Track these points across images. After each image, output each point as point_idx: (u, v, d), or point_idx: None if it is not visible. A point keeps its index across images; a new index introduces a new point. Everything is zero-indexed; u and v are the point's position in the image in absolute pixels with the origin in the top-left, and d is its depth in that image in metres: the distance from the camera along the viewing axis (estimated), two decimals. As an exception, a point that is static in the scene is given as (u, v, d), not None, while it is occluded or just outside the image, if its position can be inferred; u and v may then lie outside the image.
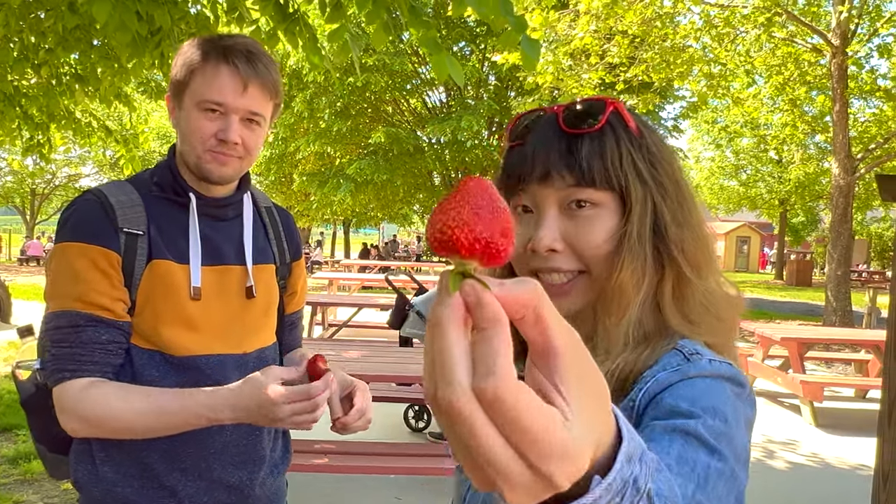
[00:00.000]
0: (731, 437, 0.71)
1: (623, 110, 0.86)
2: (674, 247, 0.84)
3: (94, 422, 1.19)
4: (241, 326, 1.34)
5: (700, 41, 11.00)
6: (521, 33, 2.39)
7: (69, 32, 4.30)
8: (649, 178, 0.84)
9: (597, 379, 0.42)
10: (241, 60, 1.24)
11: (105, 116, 11.71)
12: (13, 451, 4.64)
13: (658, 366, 0.78)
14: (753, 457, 5.24)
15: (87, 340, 1.19)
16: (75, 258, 1.21)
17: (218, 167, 1.28)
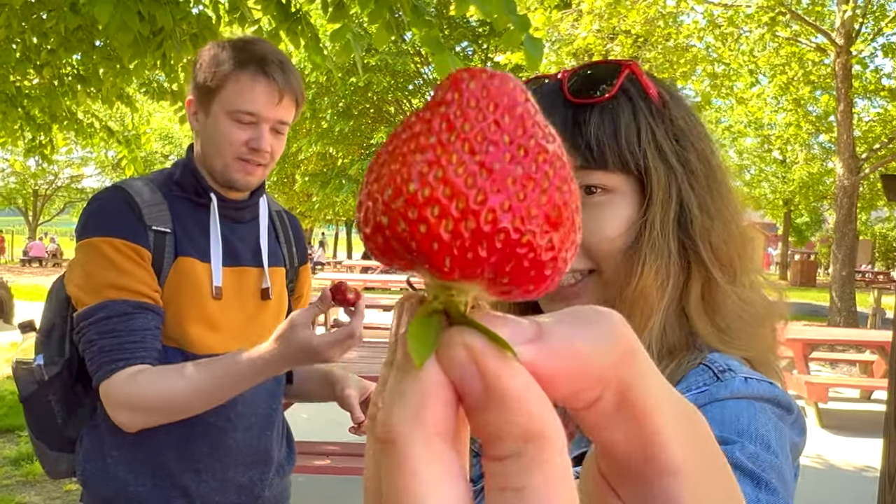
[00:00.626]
0: (778, 466, 0.58)
1: (641, 74, 0.72)
2: (701, 242, 0.69)
3: (150, 407, 1.17)
4: (258, 327, 1.35)
5: (703, 41, 10.99)
6: (524, 33, 2.38)
7: (71, 33, 4.29)
8: (674, 159, 0.70)
9: None
10: (276, 72, 1.25)
11: (107, 117, 11.73)
12: (15, 453, 4.63)
13: (682, 385, 0.65)
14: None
15: (138, 328, 1.19)
16: (110, 251, 1.20)
17: (244, 176, 1.30)
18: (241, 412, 1.32)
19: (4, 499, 3.90)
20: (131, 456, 1.27)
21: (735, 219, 0.72)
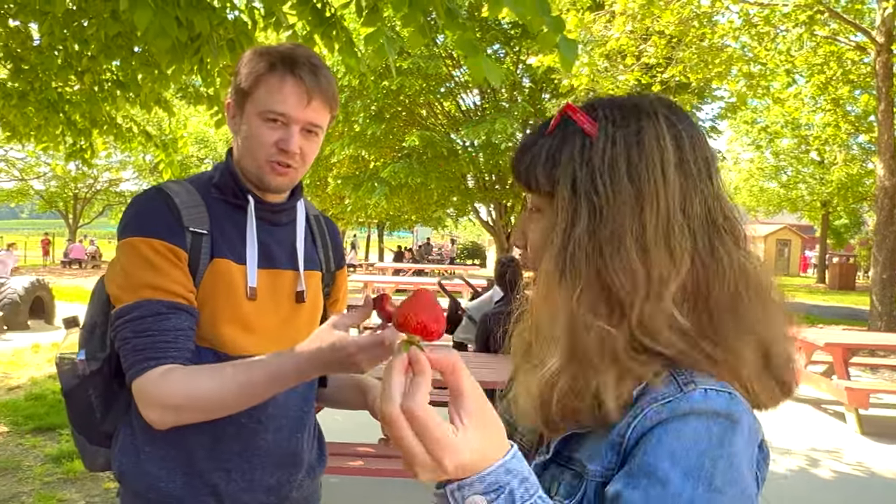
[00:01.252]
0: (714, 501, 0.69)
1: (576, 113, 0.83)
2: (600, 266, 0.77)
3: (179, 405, 1.18)
4: (292, 330, 1.35)
5: (739, 40, 10.82)
6: (558, 34, 2.36)
7: (111, 40, 4.38)
8: (582, 186, 0.79)
9: (489, 416, 0.67)
10: (306, 72, 1.26)
11: (145, 122, 11.93)
12: (56, 451, 4.73)
13: (650, 396, 0.74)
14: (797, 465, 5.12)
15: (171, 328, 1.20)
16: (148, 251, 1.22)
17: (275, 177, 1.31)
18: (271, 414, 1.33)
19: (46, 495, 3.98)
20: (163, 452, 1.29)
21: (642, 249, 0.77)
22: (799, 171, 27.65)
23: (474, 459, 0.64)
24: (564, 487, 0.78)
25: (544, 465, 0.82)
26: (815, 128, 20.92)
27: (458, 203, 19.43)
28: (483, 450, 0.65)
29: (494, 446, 0.66)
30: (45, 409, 5.81)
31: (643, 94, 0.87)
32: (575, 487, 0.77)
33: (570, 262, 0.79)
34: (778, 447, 5.69)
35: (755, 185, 28.46)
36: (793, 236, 41.43)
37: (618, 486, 0.71)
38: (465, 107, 17.76)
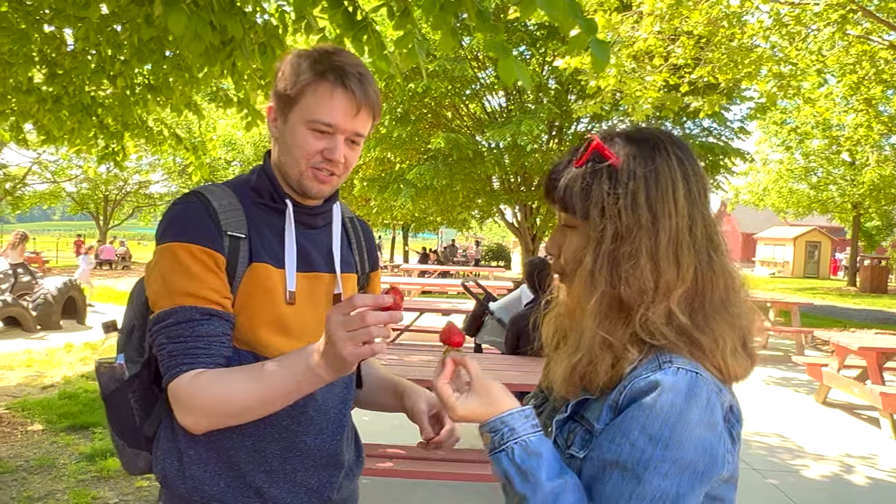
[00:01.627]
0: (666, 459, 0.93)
1: (602, 148, 1.02)
2: (615, 279, 1.00)
3: (211, 409, 1.19)
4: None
5: (769, 40, 10.67)
6: (590, 36, 2.35)
7: (144, 44, 4.44)
8: (608, 214, 1.00)
9: (489, 390, 1.06)
10: (355, 84, 1.26)
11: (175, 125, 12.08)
12: (90, 449, 4.80)
13: (638, 370, 0.98)
14: (830, 471, 5.04)
15: (204, 334, 1.21)
16: (185, 257, 1.23)
17: (318, 185, 1.32)
18: (311, 416, 1.33)
19: (81, 493, 4.04)
20: (206, 455, 1.29)
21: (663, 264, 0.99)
22: (830, 173, 27.22)
23: (475, 412, 1.04)
24: (579, 440, 1.02)
25: (563, 421, 1.07)
26: (847, 128, 20.57)
27: (483, 205, 19.41)
28: (481, 407, 1.04)
29: (493, 406, 1.03)
30: (78, 407, 5.90)
31: (654, 130, 1.07)
32: (587, 441, 1.01)
33: (595, 276, 1.01)
34: (811, 453, 5.60)
35: (784, 187, 28.06)
36: (823, 238, 40.76)
37: (602, 437, 0.98)
38: (490, 108, 17.74)
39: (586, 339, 1.01)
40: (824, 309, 19.03)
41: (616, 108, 12.85)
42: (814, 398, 7.57)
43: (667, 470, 0.92)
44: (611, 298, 1.00)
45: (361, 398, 1.57)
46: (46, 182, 31.66)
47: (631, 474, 0.93)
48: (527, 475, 0.97)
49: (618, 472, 0.94)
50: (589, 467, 0.98)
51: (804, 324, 11.84)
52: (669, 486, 0.92)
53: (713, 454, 0.95)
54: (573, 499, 0.96)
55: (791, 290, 24.75)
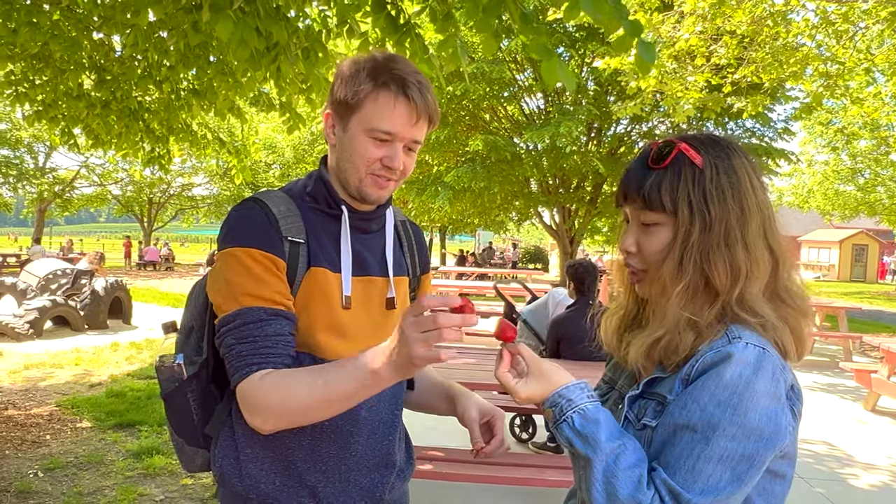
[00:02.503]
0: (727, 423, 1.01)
1: (689, 150, 1.12)
2: (704, 266, 1.09)
3: (278, 409, 1.20)
4: (383, 335, 1.36)
5: (815, 39, 10.44)
6: (636, 38, 2.33)
7: (190, 50, 4.53)
8: (696, 209, 1.09)
9: (545, 370, 1.15)
10: (415, 93, 1.28)
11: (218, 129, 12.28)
12: (136, 447, 4.91)
13: (708, 347, 1.06)
14: (879, 480, 4.92)
15: (273, 333, 1.24)
16: (248, 260, 1.26)
17: (377, 191, 1.34)
18: (365, 417, 1.35)
19: (128, 489, 4.13)
20: (262, 454, 1.32)
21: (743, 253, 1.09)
22: (878, 174, 26.48)
23: (535, 392, 1.13)
24: (651, 412, 1.11)
25: (634, 398, 1.16)
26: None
27: (520, 207, 19.34)
28: (540, 386, 1.13)
29: (551, 383, 1.13)
30: (125, 405, 6.04)
31: (717, 135, 1.19)
32: (659, 412, 1.10)
33: (684, 264, 1.10)
34: (860, 461, 5.46)
35: (830, 188, 27.40)
36: (870, 241, 39.70)
37: (673, 405, 1.07)
38: (528, 110, 17.68)
39: (670, 319, 1.09)
40: (872, 314, 18.54)
41: (656, 110, 12.70)
42: (862, 405, 7.37)
43: (734, 433, 1.00)
44: (697, 283, 1.09)
45: (412, 400, 1.58)
46: (93, 185, 32.50)
47: (700, 435, 1.01)
48: (587, 439, 1.06)
49: (688, 434, 1.02)
50: (661, 432, 1.07)
51: (852, 329, 11.55)
52: (735, 448, 1.00)
53: (777, 423, 1.02)
54: (633, 459, 1.04)
55: (837, 295, 24.16)
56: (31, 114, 5.68)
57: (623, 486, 1.01)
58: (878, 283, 36.84)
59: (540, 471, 3.88)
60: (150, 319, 11.49)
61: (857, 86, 13.92)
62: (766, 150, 15.86)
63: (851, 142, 24.49)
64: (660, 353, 1.11)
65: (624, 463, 1.03)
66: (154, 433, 5.28)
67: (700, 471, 1.00)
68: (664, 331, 1.10)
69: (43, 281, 10.98)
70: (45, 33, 4.36)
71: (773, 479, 1.10)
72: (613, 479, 1.02)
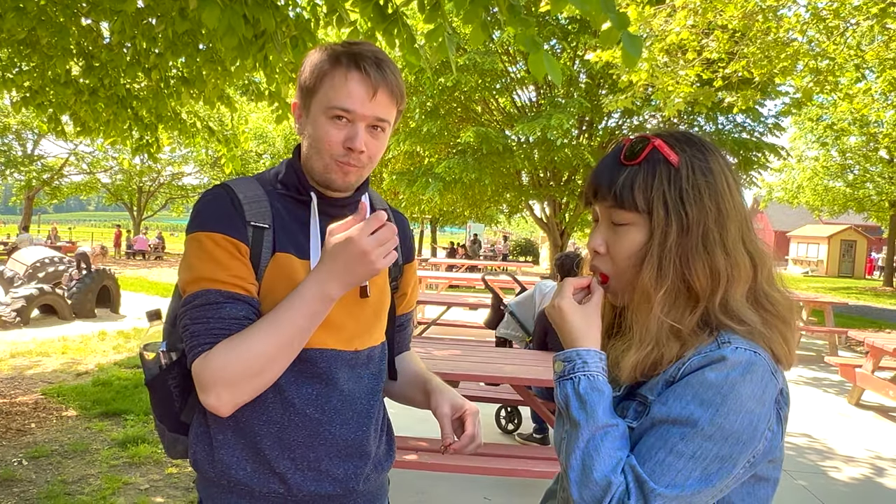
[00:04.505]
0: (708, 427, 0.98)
1: (664, 147, 1.07)
2: (685, 270, 1.04)
3: (231, 376, 1.20)
4: (355, 324, 1.37)
5: (805, 34, 10.47)
6: (622, 30, 2.33)
7: (178, 37, 4.49)
8: (672, 208, 1.04)
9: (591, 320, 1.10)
10: (370, 66, 1.26)
11: (208, 118, 12.22)
12: (122, 435, 4.90)
13: (694, 350, 1.03)
14: (861, 473, 4.97)
15: (225, 316, 1.23)
16: (210, 245, 1.26)
17: (342, 176, 1.32)
18: (336, 406, 1.34)
19: (113, 478, 4.13)
20: (234, 441, 1.32)
21: (721, 256, 1.05)
22: (867, 170, 26.65)
23: (571, 321, 1.10)
24: (633, 412, 1.08)
25: (618, 400, 1.13)
26: (886, 125, 20.15)
27: (511, 199, 19.36)
28: (574, 322, 1.09)
29: (582, 331, 1.09)
30: (111, 394, 6.02)
31: (691, 132, 1.14)
32: (641, 413, 1.07)
33: (663, 268, 1.05)
34: (842, 454, 5.51)
35: (819, 184, 27.54)
36: (858, 237, 39.97)
37: (656, 403, 1.04)
38: (520, 103, 17.68)
39: (652, 329, 1.05)
40: (859, 309, 18.68)
41: (647, 103, 12.72)
42: (846, 399, 7.44)
43: (711, 433, 0.98)
44: (678, 289, 1.05)
45: (395, 391, 1.57)
46: (83, 173, 32.31)
47: (677, 430, 0.99)
48: (585, 404, 1.03)
49: (664, 427, 1.00)
50: (642, 425, 1.04)
51: (838, 324, 11.63)
52: (710, 448, 0.98)
53: (756, 428, 1.00)
54: (619, 443, 1.02)
55: (825, 290, 24.32)
56: (17, 100, 5.64)
57: (600, 464, 1.00)
58: (865, 279, 37.10)
59: (525, 462, 3.90)
60: (139, 309, 11.45)
61: (848, 82, 13.97)
62: (755, 144, 15.92)
63: (841, 138, 24.63)
64: (649, 367, 1.07)
65: (609, 443, 1.01)
66: (140, 422, 5.27)
67: (670, 464, 0.98)
68: (650, 345, 1.06)
69: (30, 269, 10.92)
70: (32, 19, 4.32)
71: (757, 483, 1.08)
72: (594, 454, 1.01)
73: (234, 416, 1.28)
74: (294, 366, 1.27)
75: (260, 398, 1.27)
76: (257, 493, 1.31)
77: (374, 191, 1.53)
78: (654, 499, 0.97)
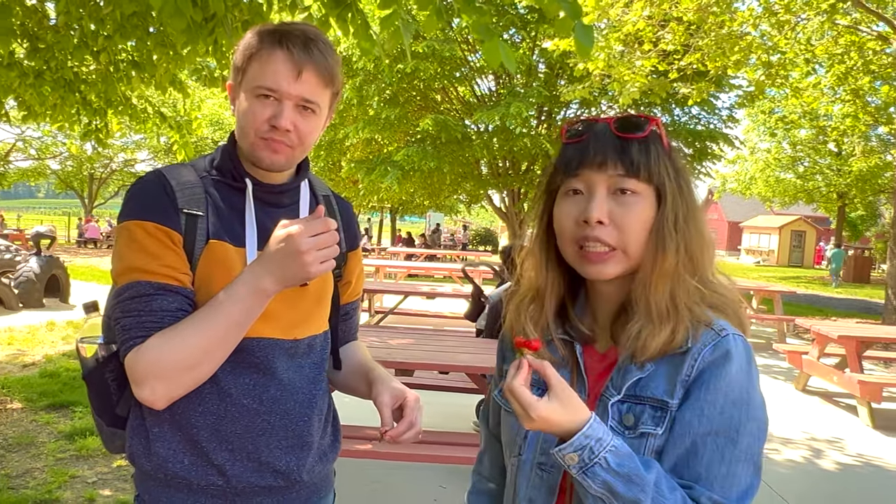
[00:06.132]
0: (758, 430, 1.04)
1: (661, 127, 1.10)
2: (685, 239, 1.07)
3: (164, 369, 1.18)
4: (294, 313, 1.34)
5: (758, 28, 10.67)
6: (575, 20, 2.34)
7: (126, 19, 4.37)
8: (674, 182, 1.08)
9: (568, 395, 0.99)
10: (295, 45, 1.24)
11: (160, 103, 11.95)
12: (69, 428, 4.79)
13: (700, 343, 1.04)
14: (802, 456, 5.12)
15: (157, 308, 1.20)
16: (141, 234, 1.22)
17: (270, 154, 1.29)
18: (275, 396, 1.32)
19: (59, 471, 4.03)
20: (170, 434, 1.29)
21: (703, 229, 1.11)
22: (816, 162, 27.35)
23: (556, 416, 0.97)
24: (650, 419, 1.04)
25: (613, 404, 1.08)
26: (834, 119, 20.68)
27: (471, 189, 19.37)
28: (562, 414, 0.98)
29: (571, 413, 0.98)
30: (59, 386, 5.87)
31: None
32: (660, 418, 1.04)
33: (675, 238, 1.06)
34: (787, 438, 5.67)
35: (771, 176, 28.17)
36: (808, 228, 41.06)
37: (687, 413, 1.02)
38: (479, 92, 17.66)
39: (676, 302, 1.06)
40: (807, 298, 19.21)
41: (604, 94, 12.83)
42: (793, 385, 7.65)
43: (752, 429, 1.02)
44: (685, 261, 1.07)
45: (339, 381, 1.54)
46: (31, 159, 31.32)
47: (725, 439, 1.00)
48: (631, 478, 0.96)
49: (711, 439, 1.01)
50: (678, 445, 1.02)
51: (787, 312, 11.95)
52: (754, 443, 1.02)
53: (765, 407, 1.06)
54: (669, 483, 0.99)
55: (775, 279, 24.95)
56: (-43, 82, 5.42)
57: None
58: (814, 269, 38.15)
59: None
60: (90, 298, 11.17)
61: (799, 76, 14.27)
62: (709, 133, 16.19)
63: (792, 130, 25.21)
64: (669, 345, 1.04)
65: (665, 488, 0.97)
66: (88, 414, 5.15)
67: (733, 474, 1.00)
68: (674, 320, 1.04)
69: (-26, 257, 10.57)
70: (-29, -2, 4.15)
71: None
72: None
73: (170, 408, 1.25)
74: (231, 356, 1.24)
75: (196, 389, 1.24)
76: (195, 486, 1.29)
77: (315, 176, 1.50)
78: None
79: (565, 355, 1.16)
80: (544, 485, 1.13)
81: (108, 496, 3.78)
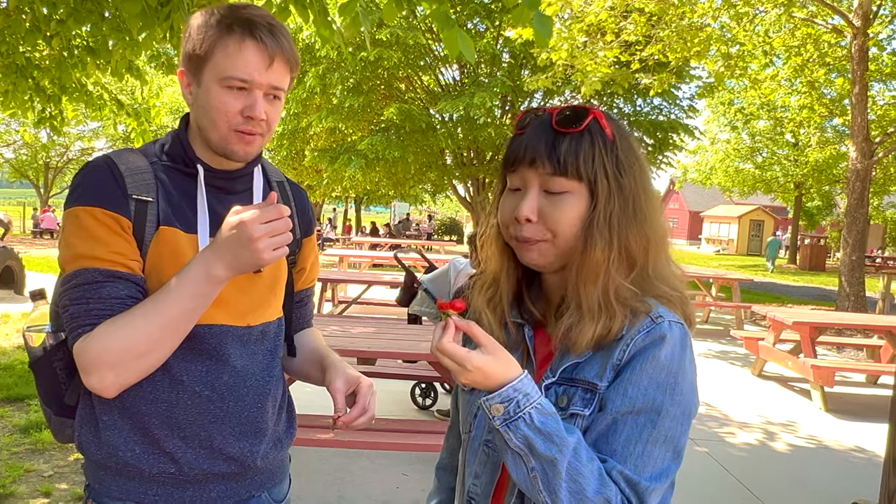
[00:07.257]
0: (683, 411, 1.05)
1: (602, 119, 1.08)
2: (623, 238, 1.06)
3: (113, 357, 1.16)
4: (246, 300, 1.33)
5: (718, 20, 10.82)
6: (533, 9, 2.35)
7: (80, 3, 4.27)
8: (612, 178, 1.06)
9: (498, 349, 1.01)
10: (265, 35, 1.22)
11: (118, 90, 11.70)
12: (25, 421, 4.69)
13: (635, 329, 1.05)
14: (756, 439, 5.25)
15: (106, 296, 1.18)
16: (89, 221, 1.20)
17: (244, 147, 1.28)
18: (228, 383, 1.31)
19: (14, 465, 3.95)
20: (120, 422, 1.27)
21: (646, 224, 1.09)
22: (774, 153, 27.88)
23: (492, 371, 0.99)
24: (580, 400, 1.06)
25: (548, 386, 1.09)
26: (791, 110, 21.10)
27: (435, 179, 19.36)
28: (496, 366, 0.99)
29: (503, 367, 1.00)
30: (13, 379, 5.75)
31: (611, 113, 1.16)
32: (589, 400, 1.06)
33: (610, 237, 1.06)
34: (743, 422, 5.81)
35: (730, 166, 28.65)
36: (766, 217, 41.91)
37: (612, 393, 1.04)
38: (444, 81, 17.63)
39: (607, 296, 1.06)
40: (765, 285, 19.63)
41: (567, 84, 12.90)
42: (750, 371, 7.83)
43: (675, 413, 1.03)
44: (620, 255, 1.07)
45: (293, 368, 1.54)
46: (-18, 147, 30.44)
47: (645, 418, 1.01)
48: (550, 436, 0.97)
49: (631, 418, 1.02)
50: (600, 422, 1.04)
51: (744, 299, 12.21)
52: (675, 427, 1.03)
53: (696, 394, 1.08)
54: (589, 453, 1.00)
55: (734, 267, 25.44)
56: None
57: (589, 483, 0.97)
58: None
59: (443, 437, 3.94)
60: (46, 290, 10.92)
61: (757, 67, 14.52)
62: (671, 124, 16.40)
63: (750, 121, 25.65)
64: (603, 338, 1.06)
65: (585, 459, 0.98)
66: (45, 407, 5.05)
67: (649, 454, 1.00)
68: (606, 314, 1.05)
69: (-76, 248, 10.26)
70: (-85, -22, 4.02)
71: None
72: (579, 477, 0.97)
73: (120, 396, 1.23)
74: (183, 343, 1.23)
75: (147, 377, 1.23)
76: (147, 474, 1.28)
77: (268, 161, 1.48)
78: (649, 495, 0.99)
79: (517, 338, 1.17)
80: (489, 461, 1.17)
81: (65, 490, 3.71)
